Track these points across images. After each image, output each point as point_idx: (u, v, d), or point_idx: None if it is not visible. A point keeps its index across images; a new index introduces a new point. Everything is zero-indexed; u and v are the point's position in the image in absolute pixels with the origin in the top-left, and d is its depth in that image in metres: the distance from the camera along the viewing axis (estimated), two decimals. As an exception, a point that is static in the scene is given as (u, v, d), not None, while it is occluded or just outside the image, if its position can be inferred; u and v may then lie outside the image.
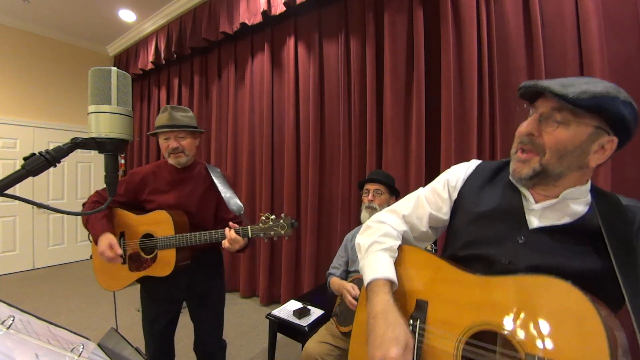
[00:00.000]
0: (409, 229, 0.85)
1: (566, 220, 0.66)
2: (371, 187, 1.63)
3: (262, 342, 2.28)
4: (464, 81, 1.87)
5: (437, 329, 0.67)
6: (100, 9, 3.72)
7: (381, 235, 0.81)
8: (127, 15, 3.87)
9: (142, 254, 1.35)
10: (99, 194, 1.37)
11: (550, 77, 1.66)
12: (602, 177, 1.46)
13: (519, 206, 0.71)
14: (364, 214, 1.62)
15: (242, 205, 1.38)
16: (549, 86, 0.61)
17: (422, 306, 0.71)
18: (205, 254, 1.43)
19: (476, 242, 0.74)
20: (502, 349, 0.59)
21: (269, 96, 2.94)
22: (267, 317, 1.79)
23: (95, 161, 4.69)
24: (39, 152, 0.53)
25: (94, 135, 0.60)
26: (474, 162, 0.86)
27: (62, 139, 4.10)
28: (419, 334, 0.69)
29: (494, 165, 0.81)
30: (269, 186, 2.93)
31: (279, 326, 1.76)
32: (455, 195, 0.83)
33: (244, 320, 2.65)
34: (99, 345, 0.47)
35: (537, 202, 0.69)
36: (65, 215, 3.97)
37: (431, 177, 0.93)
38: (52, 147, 0.53)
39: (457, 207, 0.82)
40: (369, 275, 0.74)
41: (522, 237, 0.68)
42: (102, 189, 1.32)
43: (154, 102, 4.30)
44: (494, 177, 0.79)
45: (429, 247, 1.39)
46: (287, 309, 1.82)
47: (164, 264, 1.30)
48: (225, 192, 1.40)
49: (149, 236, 1.35)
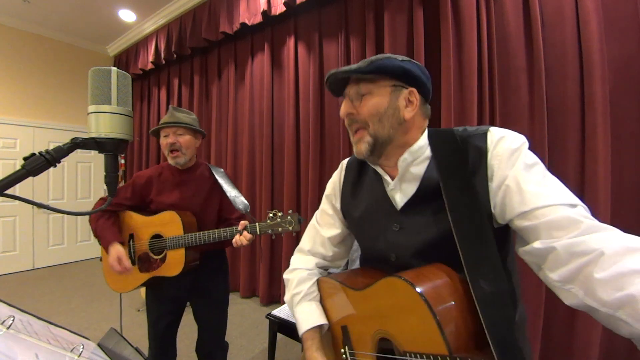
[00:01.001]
0: (320, 258, 0.89)
1: (415, 186, 0.69)
2: None
3: (262, 342, 2.28)
4: (463, 81, 1.87)
5: (358, 349, 0.70)
6: (100, 9, 3.72)
7: (296, 285, 0.84)
8: (127, 15, 3.87)
9: (152, 254, 1.37)
10: (104, 199, 1.38)
11: (550, 77, 1.67)
12: (601, 178, 1.46)
13: (382, 191, 0.75)
14: None
15: (247, 203, 1.40)
16: (337, 70, 0.70)
17: (345, 331, 0.75)
18: (210, 254, 1.44)
19: (369, 244, 0.80)
20: (395, 357, 0.61)
21: (269, 96, 2.94)
22: (267, 317, 1.79)
23: (95, 161, 4.70)
24: (39, 152, 0.53)
25: (94, 135, 0.60)
26: (343, 163, 0.89)
27: (62, 139, 4.11)
28: (352, 359, 0.72)
29: (356, 159, 0.85)
30: (269, 186, 2.93)
31: (279, 326, 1.76)
32: (338, 205, 0.87)
33: (244, 320, 2.65)
34: (99, 345, 0.47)
35: (392, 179, 0.73)
36: (65, 215, 3.98)
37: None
38: (52, 147, 0.53)
39: (345, 215, 0.86)
40: (299, 330, 0.78)
41: (396, 225, 0.71)
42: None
43: (154, 102, 4.30)
44: (360, 171, 0.83)
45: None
46: (287, 309, 1.82)
47: (174, 264, 1.31)
48: (230, 191, 1.41)
49: (157, 237, 1.36)
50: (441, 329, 0.50)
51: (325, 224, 0.90)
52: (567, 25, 1.60)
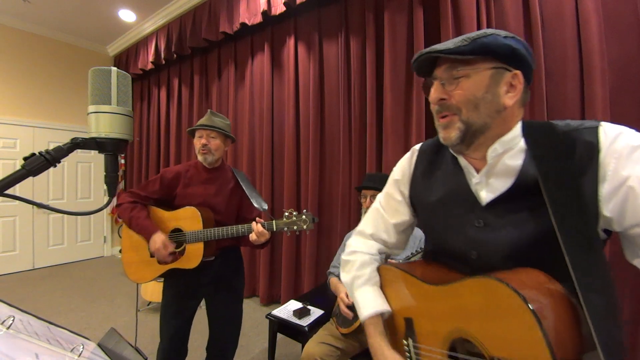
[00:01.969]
0: (381, 244, 0.86)
1: (509, 182, 0.62)
2: (368, 192, 1.64)
3: (262, 342, 2.28)
4: (464, 81, 1.87)
5: (426, 344, 0.68)
6: (100, 9, 3.72)
7: (358, 268, 0.81)
8: (127, 15, 3.87)
9: (171, 248, 1.42)
10: (133, 194, 1.45)
11: (550, 77, 1.67)
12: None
13: (465, 184, 0.68)
14: None
15: (266, 203, 1.49)
16: (431, 48, 0.62)
17: (410, 324, 0.72)
18: (227, 251, 1.51)
19: (441, 236, 0.74)
20: (475, 358, 0.58)
21: (269, 96, 2.94)
22: (267, 317, 1.79)
23: (95, 161, 4.69)
24: (39, 152, 0.53)
25: (94, 135, 0.60)
26: (415, 149, 0.83)
27: (62, 139, 4.09)
28: (415, 353, 0.70)
29: (433, 143, 0.78)
30: (269, 186, 2.93)
31: (279, 326, 1.76)
32: (407, 192, 0.81)
33: (244, 320, 2.62)
34: (99, 345, 0.47)
35: (477, 172, 0.66)
36: (65, 215, 3.98)
37: (431, 177, 0.93)
38: (52, 147, 0.53)
39: (414, 202, 0.81)
40: (360, 315, 0.77)
41: (479, 221, 0.65)
42: (137, 187, 1.47)
43: (154, 102, 4.31)
44: (436, 157, 0.76)
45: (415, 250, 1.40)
46: (287, 309, 1.82)
47: (192, 257, 1.38)
48: (250, 192, 1.50)
49: (177, 230, 1.44)
50: (547, 340, 0.46)
51: (390, 210, 0.84)
52: (567, 25, 1.60)
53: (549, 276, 0.54)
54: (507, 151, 0.62)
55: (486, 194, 0.64)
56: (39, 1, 3.52)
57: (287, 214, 1.34)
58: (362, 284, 0.79)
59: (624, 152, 0.53)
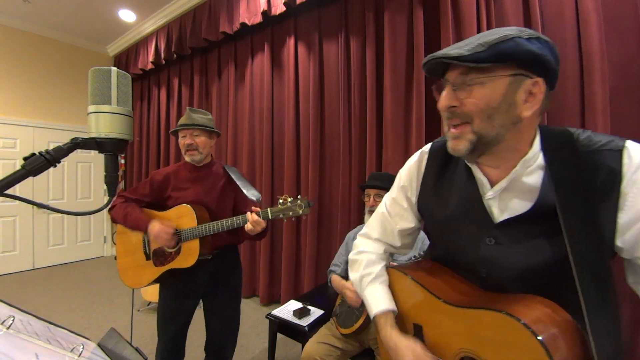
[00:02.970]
0: (387, 247, 0.86)
1: (527, 204, 0.58)
2: (372, 191, 1.64)
3: (262, 342, 2.28)
4: (464, 81, 1.87)
5: (435, 353, 0.68)
6: (100, 9, 3.72)
7: (365, 266, 0.82)
8: (127, 15, 3.87)
9: (167, 248, 1.40)
10: (123, 197, 1.44)
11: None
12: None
13: (477, 197, 0.64)
14: (367, 217, 1.62)
15: (259, 194, 1.46)
16: (444, 53, 0.56)
17: (419, 330, 0.72)
18: (225, 250, 1.48)
19: (452, 252, 0.72)
20: None
21: (269, 96, 2.94)
22: (267, 317, 1.79)
23: (95, 161, 4.69)
24: (39, 152, 0.53)
25: (94, 135, 0.60)
26: (425, 151, 0.78)
27: (62, 139, 4.09)
28: None
29: (444, 147, 0.69)
30: (269, 186, 2.93)
31: (279, 326, 1.76)
32: (414, 199, 0.78)
33: (244, 320, 2.62)
34: (99, 345, 0.47)
35: (492, 185, 0.62)
36: (65, 215, 3.98)
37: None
38: (52, 147, 0.53)
39: (421, 211, 0.79)
40: (371, 311, 0.78)
41: (490, 239, 0.62)
42: (127, 191, 1.46)
43: (154, 102, 4.30)
44: (448, 163, 0.72)
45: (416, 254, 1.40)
46: (287, 309, 1.82)
47: (188, 255, 1.35)
48: (243, 184, 1.48)
49: None
50: None
51: (396, 215, 0.82)
52: (567, 25, 1.60)
53: (556, 306, 0.54)
54: (529, 166, 0.58)
55: (500, 212, 0.61)
56: (39, 1, 3.52)
57: (281, 200, 1.31)
58: (371, 282, 0.80)
59: None
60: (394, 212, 0.83)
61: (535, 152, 0.58)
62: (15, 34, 3.95)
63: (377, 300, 0.77)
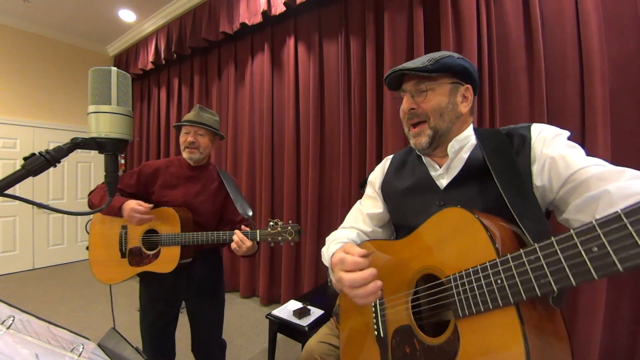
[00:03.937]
0: (358, 232, 0.95)
1: (460, 167, 0.77)
2: None
3: (262, 342, 2.28)
4: (464, 81, 1.87)
5: (393, 297, 0.75)
6: (100, 9, 3.72)
7: (332, 239, 0.92)
8: (127, 15, 3.87)
9: (144, 249, 1.35)
10: (103, 189, 1.33)
11: (550, 77, 1.67)
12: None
13: (428, 176, 0.83)
14: None
15: (251, 209, 1.42)
16: (403, 66, 0.77)
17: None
18: (205, 253, 1.44)
19: (408, 218, 0.85)
20: (431, 285, 0.67)
21: (269, 96, 2.94)
22: (267, 317, 1.79)
23: (95, 161, 4.69)
24: (39, 152, 0.53)
25: (94, 135, 0.60)
26: (388, 158, 1.00)
27: (62, 139, 4.11)
28: (381, 308, 0.78)
29: (403, 151, 0.97)
30: (269, 186, 2.93)
31: (279, 326, 1.76)
32: (378, 185, 0.97)
33: (244, 320, 2.64)
34: (99, 345, 0.47)
35: (440, 167, 0.81)
36: (65, 215, 3.98)
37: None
38: (52, 147, 0.53)
39: (385, 197, 0.95)
40: (327, 262, 0.84)
41: (440, 201, 0.78)
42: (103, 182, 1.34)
43: (154, 102, 4.30)
44: (405, 160, 0.93)
45: None
46: (287, 309, 1.82)
47: (167, 261, 1.30)
48: (235, 196, 1.43)
49: (152, 232, 1.35)
50: (492, 240, 0.56)
51: (365, 203, 0.99)
52: (567, 25, 1.60)
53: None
54: (462, 146, 0.79)
55: (445, 180, 0.80)
56: (39, 1, 3.52)
57: (272, 224, 1.26)
58: (334, 245, 0.85)
59: (548, 137, 0.69)
60: (365, 202, 1.00)
61: (467, 135, 0.79)
62: (15, 34, 3.95)
63: (333, 247, 0.82)
